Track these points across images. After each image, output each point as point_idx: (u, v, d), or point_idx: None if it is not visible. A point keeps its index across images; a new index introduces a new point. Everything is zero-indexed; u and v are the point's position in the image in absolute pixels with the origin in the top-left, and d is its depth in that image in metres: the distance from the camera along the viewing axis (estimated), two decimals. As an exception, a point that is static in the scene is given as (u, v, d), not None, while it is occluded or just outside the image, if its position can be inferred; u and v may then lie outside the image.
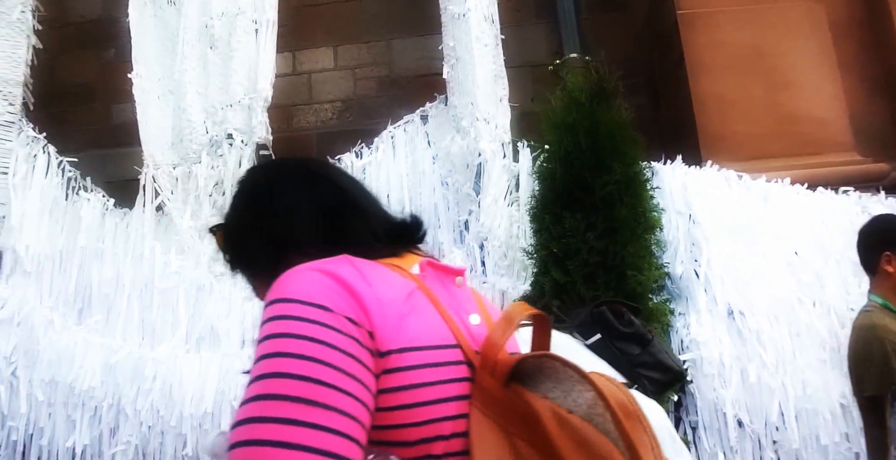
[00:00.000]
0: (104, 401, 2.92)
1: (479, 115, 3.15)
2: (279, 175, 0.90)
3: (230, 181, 3.25)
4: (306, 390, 0.59)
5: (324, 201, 0.85)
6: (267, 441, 0.57)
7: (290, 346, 0.62)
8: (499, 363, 0.67)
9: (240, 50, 3.41)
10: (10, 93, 3.52)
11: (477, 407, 0.66)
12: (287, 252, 0.80)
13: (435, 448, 0.65)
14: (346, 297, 0.66)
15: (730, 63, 3.07)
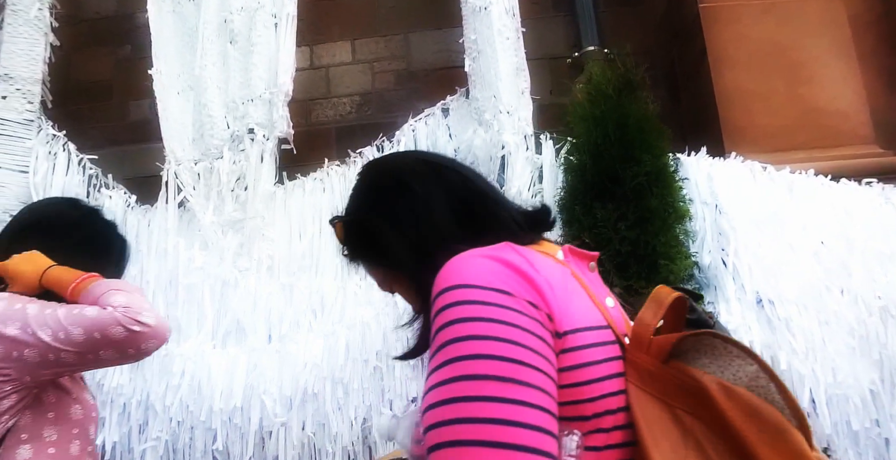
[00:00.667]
0: (133, 398, 2.92)
1: (502, 107, 3.15)
2: (404, 168, 0.89)
3: (252, 176, 3.26)
4: (507, 369, 0.61)
5: (457, 192, 0.85)
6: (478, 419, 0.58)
7: (480, 329, 0.63)
8: (653, 341, 0.69)
9: (260, 44, 3.41)
10: (29, 91, 3.51)
11: (633, 383, 0.68)
12: (428, 244, 0.80)
13: (605, 422, 0.67)
14: (522, 282, 0.68)
15: (751, 57, 3.08)
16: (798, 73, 3.05)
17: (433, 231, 0.81)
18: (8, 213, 3.32)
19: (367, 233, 0.87)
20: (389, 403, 2.84)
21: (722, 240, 2.77)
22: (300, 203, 3.36)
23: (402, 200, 0.84)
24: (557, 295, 0.69)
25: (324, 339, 2.92)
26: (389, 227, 0.83)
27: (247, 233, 3.20)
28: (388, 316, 2.91)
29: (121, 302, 1.08)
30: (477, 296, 0.65)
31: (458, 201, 0.83)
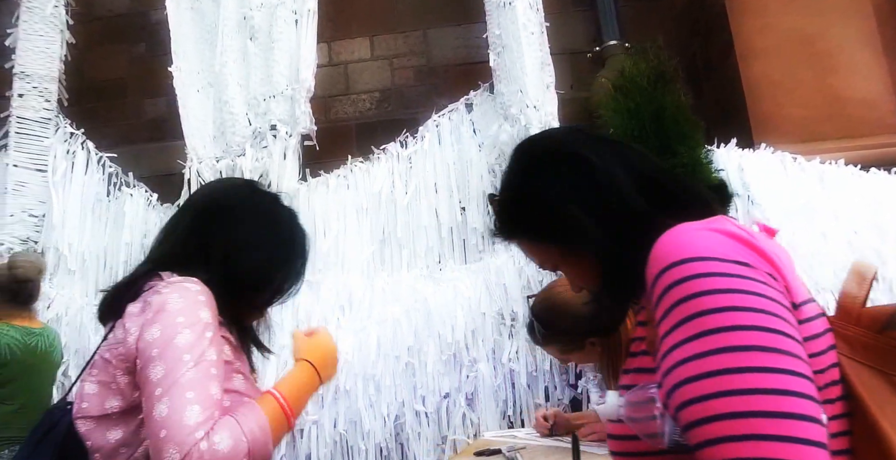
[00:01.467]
0: (161, 397, 2.87)
1: (529, 101, 3.13)
2: (577, 142, 0.85)
3: (276, 173, 3.22)
4: (767, 339, 0.59)
5: (637, 165, 0.81)
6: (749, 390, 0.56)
7: (730, 300, 0.61)
8: (863, 313, 0.67)
9: (281, 41, 3.38)
10: (46, 89, 3.47)
11: (844, 354, 0.67)
12: (619, 218, 0.77)
13: (831, 392, 0.65)
14: (754, 254, 0.66)
15: (778, 48, 3.08)
16: (824, 63, 3.05)
17: (623, 205, 0.77)
18: (28, 212, 3.29)
19: (536, 210, 0.81)
20: (422, 399, 2.81)
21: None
22: (324, 200, 3.32)
23: (581, 174, 0.79)
24: (786, 266, 0.67)
25: (354, 336, 2.88)
26: (571, 202, 0.79)
27: (272, 230, 3.16)
28: (419, 312, 2.89)
29: (225, 446, 0.82)
30: (718, 268, 0.63)
31: (640, 175, 0.80)
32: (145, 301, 0.92)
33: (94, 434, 0.91)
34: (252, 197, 1.10)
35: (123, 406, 0.91)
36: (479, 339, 2.84)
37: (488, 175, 3.28)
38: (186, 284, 0.94)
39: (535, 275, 2.91)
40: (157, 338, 0.88)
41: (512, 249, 2.99)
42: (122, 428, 0.90)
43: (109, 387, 0.91)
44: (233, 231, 1.03)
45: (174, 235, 1.04)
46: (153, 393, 0.85)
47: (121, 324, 0.93)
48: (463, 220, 3.22)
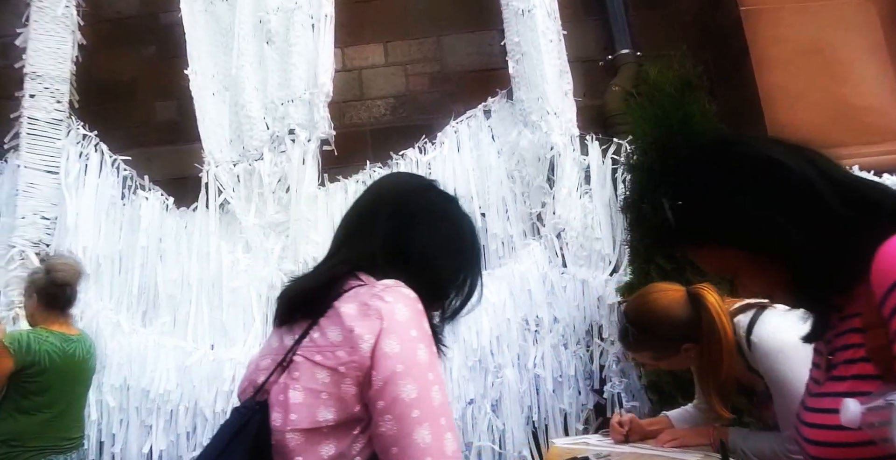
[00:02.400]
0: (180, 405, 2.83)
1: (550, 108, 3.16)
2: (770, 148, 0.85)
3: (295, 177, 3.20)
4: None
5: (831, 172, 0.81)
6: None
7: None
8: None
9: (298, 45, 3.37)
10: (58, 89, 3.42)
11: None
12: (822, 225, 0.77)
13: None
14: None
15: (792, 57, 3.14)
16: (835, 72, 3.12)
17: (823, 209, 0.76)
18: (39, 214, 3.23)
19: (734, 216, 0.80)
20: (448, 405, 2.80)
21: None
22: (343, 205, 3.30)
23: (779, 179, 0.78)
24: None
25: (379, 341, 2.87)
26: (771, 208, 0.78)
27: (291, 236, 3.14)
28: (444, 317, 2.88)
29: None
30: None
31: (834, 179, 0.79)
32: (363, 304, 0.86)
33: (305, 449, 0.84)
34: (441, 200, 1.04)
35: (338, 418, 0.85)
36: (504, 345, 2.84)
37: (507, 181, 3.30)
38: (404, 291, 0.89)
39: (559, 281, 2.94)
40: (398, 352, 0.83)
41: (535, 255, 3.02)
42: (333, 442, 0.85)
43: (319, 397, 0.83)
44: (430, 235, 0.98)
45: (369, 235, 0.98)
46: (408, 414, 0.81)
47: (335, 326, 0.86)
48: (483, 226, 3.23)
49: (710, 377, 1.45)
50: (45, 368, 2.18)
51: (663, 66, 2.72)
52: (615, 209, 3.12)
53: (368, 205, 1.04)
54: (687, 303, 1.49)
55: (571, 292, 2.91)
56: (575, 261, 2.98)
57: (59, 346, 2.23)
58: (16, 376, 2.16)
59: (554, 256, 3.01)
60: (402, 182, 1.10)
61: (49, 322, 2.30)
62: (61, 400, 2.23)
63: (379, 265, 0.95)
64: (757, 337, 1.39)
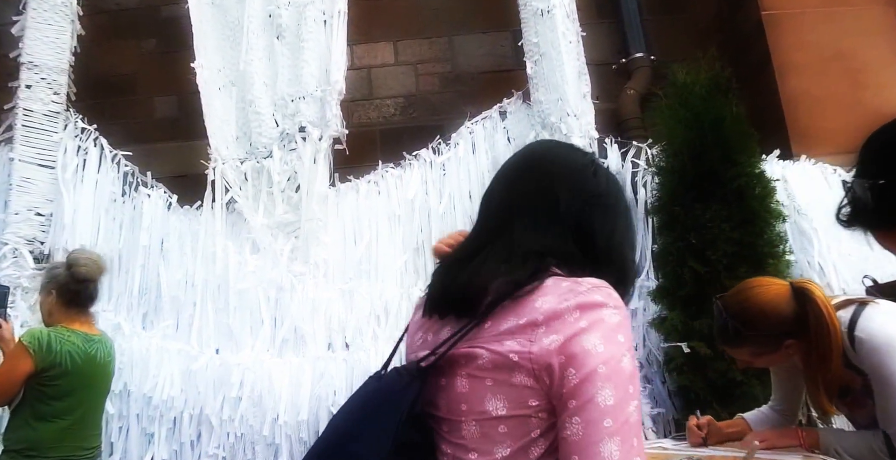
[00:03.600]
0: (184, 412, 2.68)
1: (570, 110, 3.10)
2: None
3: (306, 176, 3.09)
4: None
5: None
6: None
7: None
8: None
9: (310, 41, 3.27)
10: (55, 81, 3.26)
11: None
12: None
13: None
14: None
15: (813, 62, 3.13)
16: (857, 77, 3.12)
17: None
18: (34, 210, 3.07)
19: None
20: (466, 414, 2.70)
21: (804, 240, 2.78)
22: (354, 206, 3.20)
23: None
24: None
25: (395, 347, 2.75)
26: None
27: (302, 236, 3.02)
28: (463, 322, 2.78)
29: None
30: None
31: None
32: (566, 299, 0.76)
33: (479, 442, 0.77)
34: (613, 180, 0.92)
35: (510, 413, 0.76)
36: (525, 351, 2.75)
37: (524, 184, 3.22)
38: (609, 291, 0.79)
39: (581, 286, 2.85)
40: (601, 353, 0.74)
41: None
42: (508, 440, 0.76)
43: (483, 383, 0.77)
44: (614, 222, 0.88)
45: (551, 220, 0.86)
46: (599, 421, 0.72)
47: (517, 317, 0.76)
48: (498, 229, 3.14)
49: (818, 373, 1.40)
50: (66, 370, 2.01)
51: (691, 68, 2.67)
52: (634, 213, 3.06)
53: (540, 183, 0.90)
54: (791, 297, 1.44)
55: (593, 298, 2.83)
56: (596, 266, 2.90)
57: (80, 347, 2.07)
58: (34, 379, 1.99)
59: (574, 261, 2.93)
60: (570, 156, 0.95)
61: (69, 320, 2.13)
62: (81, 405, 2.07)
63: (571, 257, 0.83)
64: (863, 332, 1.35)
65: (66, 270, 2.16)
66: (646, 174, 3.11)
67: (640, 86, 3.62)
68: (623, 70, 3.75)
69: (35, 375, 1.99)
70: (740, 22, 3.42)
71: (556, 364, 0.73)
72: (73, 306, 2.15)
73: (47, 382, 2.01)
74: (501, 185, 0.93)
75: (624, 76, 3.75)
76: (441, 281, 0.89)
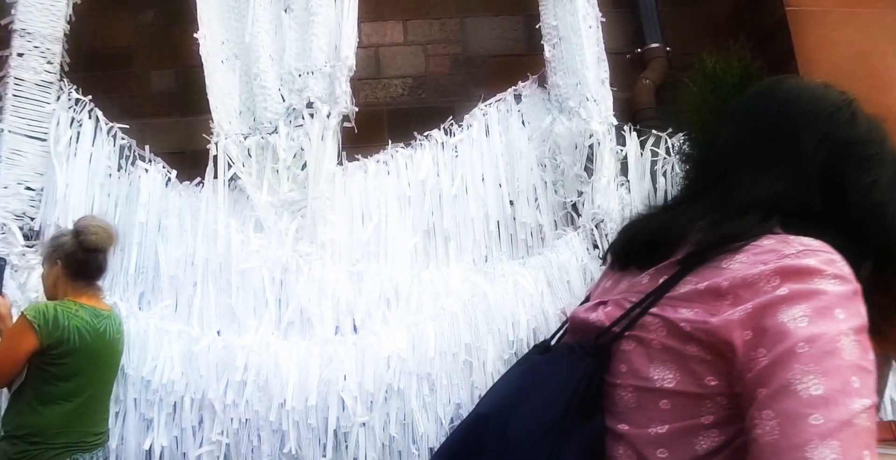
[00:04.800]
0: (186, 396, 2.55)
1: (590, 95, 3.02)
2: None
3: (314, 154, 2.96)
4: None
5: None
6: None
7: None
8: None
9: (319, 14, 3.14)
10: (49, 50, 3.10)
11: None
12: None
13: None
14: None
15: (837, 61, 3.08)
16: (879, 78, 3.08)
17: None
18: (24, 184, 2.91)
19: None
20: (480, 401, 2.60)
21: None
22: (362, 186, 3.09)
23: None
24: None
25: (407, 331, 2.66)
26: None
27: (308, 216, 2.90)
28: (477, 307, 2.69)
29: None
30: None
31: None
32: (765, 261, 0.62)
33: (634, 415, 0.65)
34: (876, 124, 0.81)
35: (678, 388, 0.64)
36: (542, 338, 2.65)
37: (538, 168, 3.14)
38: (831, 256, 0.64)
39: (599, 274, 2.77)
40: (802, 328, 0.58)
41: (573, 246, 2.86)
42: (669, 420, 0.64)
43: (650, 345, 0.66)
44: (875, 175, 0.73)
45: (792, 169, 0.74)
46: (802, 416, 0.55)
47: (704, 279, 0.64)
48: (511, 214, 3.06)
49: None
50: (73, 348, 1.85)
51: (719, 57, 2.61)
52: (653, 202, 3.00)
53: (780, 126, 0.76)
54: None
55: None
56: (614, 253, 2.83)
57: (89, 322, 1.91)
58: (39, 357, 1.83)
59: (591, 248, 2.86)
60: (821, 96, 0.81)
61: (76, 294, 1.98)
62: (89, 386, 1.91)
63: (805, 216, 0.70)
64: None
65: (74, 238, 2.01)
66: (666, 163, 3.06)
67: (656, 76, 3.56)
68: (637, 60, 3.68)
69: (40, 353, 1.84)
70: (762, 16, 3.38)
71: (740, 340, 0.60)
72: (81, 278, 1.99)
73: (53, 361, 1.85)
74: (729, 127, 0.81)
75: (638, 66, 3.69)
76: (632, 226, 0.78)
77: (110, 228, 2.12)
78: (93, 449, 1.91)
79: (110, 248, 2.10)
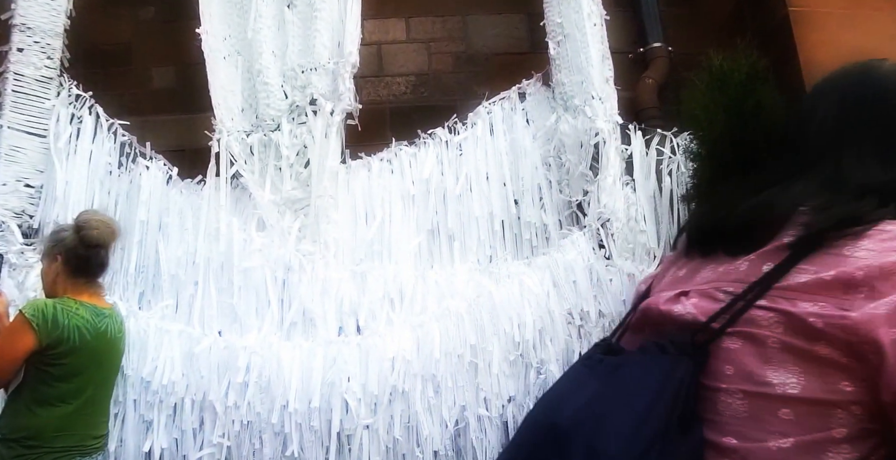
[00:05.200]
0: (186, 398, 2.51)
1: (595, 93, 2.99)
2: None
3: (317, 151, 2.93)
4: None
5: None
6: None
7: None
8: None
9: (323, 10, 3.10)
10: (49, 44, 3.05)
11: None
12: None
13: None
14: None
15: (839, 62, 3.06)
16: (880, 78, 3.06)
17: None
18: (23, 181, 2.86)
19: None
20: (485, 403, 2.58)
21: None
22: (365, 184, 3.06)
23: None
24: None
25: (412, 332, 2.62)
26: None
27: (312, 214, 2.86)
28: (483, 308, 2.66)
29: None
30: None
31: None
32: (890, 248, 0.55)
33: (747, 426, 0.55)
34: None
35: (807, 393, 0.54)
36: (548, 339, 2.64)
37: (542, 167, 3.11)
38: None
39: (605, 274, 2.75)
40: None
41: (579, 245, 2.83)
42: (794, 432, 0.54)
43: (765, 344, 0.58)
44: None
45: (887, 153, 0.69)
46: None
47: (823, 269, 0.55)
48: (516, 214, 3.03)
49: None
50: (73, 347, 1.80)
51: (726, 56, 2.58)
52: (658, 202, 2.98)
53: (887, 111, 0.74)
54: None
55: (617, 286, 2.74)
56: (620, 254, 2.81)
57: (90, 321, 1.87)
58: (37, 357, 1.77)
59: (597, 247, 2.83)
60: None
61: (76, 291, 1.94)
62: (89, 387, 1.86)
63: None
64: None
65: (75, 233, 1.96)
66: (671, 162, 3.03)
67: (659, 75, 3.54)
68: (639, 59, 3.66)
69: (38, 353, 1.78)
70: (763, 17, 3.36)
71: (888, 339, 0.53)
72: (82, 275, 1.95)
73: (53, 361, 1.80)
74: (829, 107, 0.77)
75: (640, 66, 3.66)
76: (715, 207, 0.73)
77: (112, 223, 2.07)
78: (93, 453, 1.87)
79: (112, 244, 2.05)
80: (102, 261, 2.01)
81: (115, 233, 2.05)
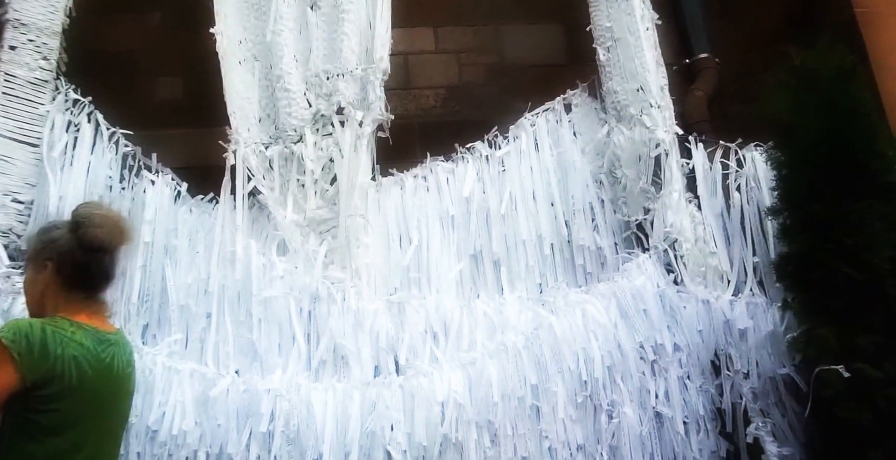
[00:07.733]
0: (200, 450, 2.12)
1: (653, 101, 2.73)
2: None
3: (346, 165, 2.61)
4: None
5: None
6: None
7: None
8: None
9: (351, 12, 2.82)
10: (45, 44, 2.74)
11: None
12: None
13: None
14: None
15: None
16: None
17: None
18: (11, 196, 2.51)
19: None
20: (550, 453, 2.21)
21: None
22: (399, 204, 2.74)
23: None
24: None
25: (462, 370, 2.27)
26: None
27: (341, 236, 2.52)
28: (543, 342, 2.32)
29: None
30: None
31: None
32: None
33: None
34: None
35: None
36: (619, 377, 2.29)
37: (594, 184, 2.82)
38: None
39: (678, 301, 2.43)
40: None
41: (647, 270, 2.52)
42: None
43: None
44: None
45: None
46: None
47: None
48: (566, 237, 2.72)
49: None
50: (69, 386, 1.32)
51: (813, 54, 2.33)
52: (727, 221, 2.69)
53: None
54: None
55: (691, 314, 2.42)
56: (692, 279, 2.50)
57: (91, 350, 1.38)
58: (19, 401, 1.28)
59: (665, 272, 2.52)
60: None
61: (72, 309, 1.41)
62: (89, 442, 1.36)
63: None
64: None
65: (72, 233, 1.46)
66: (738, 177, 2.75)
67: (708, 87, 3.29)
68: (686, 71, 3.41)
69: (22, 394, 1.29)
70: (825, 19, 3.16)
71: None
72: (79, 288, 1.43)
73: (40, 406, 1.31)
74: None
75: (686, 78, 3.41)
76: None
77: (121, 221, 1.55)
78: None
79: (121, 247, 1.56)
80: (107, 270, 1.48)
81: (123, 234, 1.50)
